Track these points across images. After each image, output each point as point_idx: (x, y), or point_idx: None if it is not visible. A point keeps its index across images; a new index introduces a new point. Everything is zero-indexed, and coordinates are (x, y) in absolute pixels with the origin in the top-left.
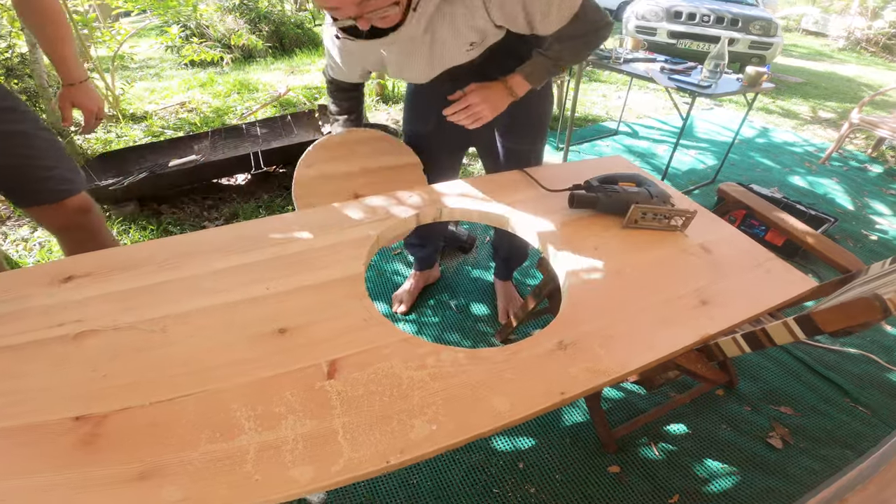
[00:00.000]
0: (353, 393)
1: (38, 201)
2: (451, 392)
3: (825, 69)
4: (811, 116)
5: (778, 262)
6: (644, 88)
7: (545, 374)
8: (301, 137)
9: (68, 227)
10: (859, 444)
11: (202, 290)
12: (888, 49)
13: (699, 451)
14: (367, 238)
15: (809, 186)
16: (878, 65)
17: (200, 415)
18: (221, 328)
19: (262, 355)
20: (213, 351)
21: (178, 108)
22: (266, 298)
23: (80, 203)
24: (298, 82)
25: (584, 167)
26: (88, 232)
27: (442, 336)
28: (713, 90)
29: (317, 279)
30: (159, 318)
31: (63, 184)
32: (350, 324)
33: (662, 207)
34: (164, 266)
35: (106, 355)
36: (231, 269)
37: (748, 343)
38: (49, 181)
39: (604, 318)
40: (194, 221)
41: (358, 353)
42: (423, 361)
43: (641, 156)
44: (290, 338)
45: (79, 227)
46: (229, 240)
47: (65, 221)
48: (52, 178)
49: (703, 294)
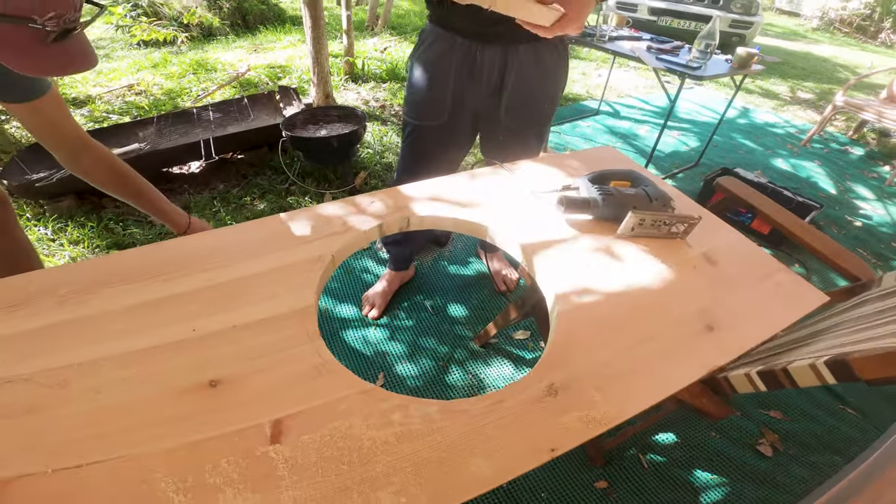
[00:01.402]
0: (303, 460)
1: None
2: (423, 455)
3: (800, 49)
4: (790, 97)
5: (788, 275)
6: (625, 66)
7: (533, 426)
8: (259, 122)
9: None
10: (849, 449)
11: (112, 333)
12: (862, 30)
13: (688, 462)
14: (318, 260)
15: (792, 169)
16: (851, 45)
17: (117, 485)
18: (137, 381)
19: (189, 414)
20: (128, 409)
21: (125, 90)
22: (192, 342)
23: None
24: (261, 61)
25: (572, 161)
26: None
27: (417, 341)
28: (703, 72)
29: (256, 315)
30: (59, 370)
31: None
32: (298, 372)
33: (664, 214)
34: (66, 301)
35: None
36: (148, 305)
37: (764, 381)
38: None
39: (600, 354)
40: (139, 216)
41: (308, 410)
42: (389, 418)
43: (624, 137)
44: (224, 392)
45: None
46: (148, 265)
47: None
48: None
49: (709, 316)
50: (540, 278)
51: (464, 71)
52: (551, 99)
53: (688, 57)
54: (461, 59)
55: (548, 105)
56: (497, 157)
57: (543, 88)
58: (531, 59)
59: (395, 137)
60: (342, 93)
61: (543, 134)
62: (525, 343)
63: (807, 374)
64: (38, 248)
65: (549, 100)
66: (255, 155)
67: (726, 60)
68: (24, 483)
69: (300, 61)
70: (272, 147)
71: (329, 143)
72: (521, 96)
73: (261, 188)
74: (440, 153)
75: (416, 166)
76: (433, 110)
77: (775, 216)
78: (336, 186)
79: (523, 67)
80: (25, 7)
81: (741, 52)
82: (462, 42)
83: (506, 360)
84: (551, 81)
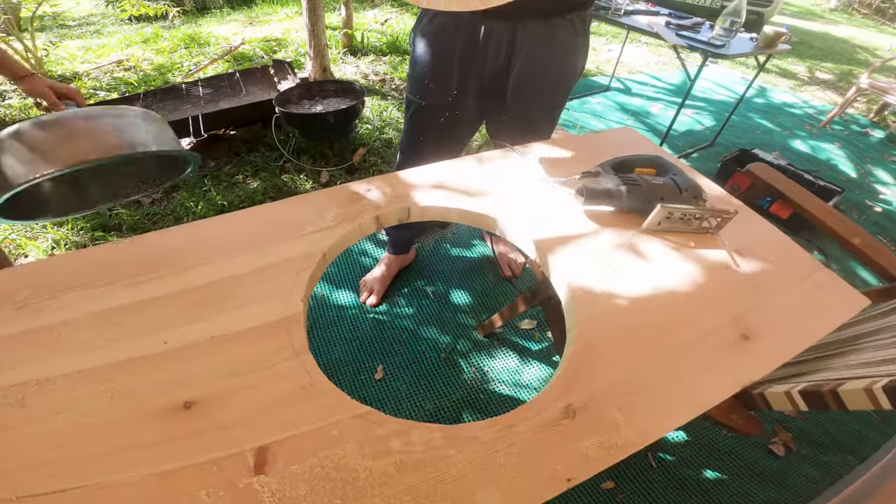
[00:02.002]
0: (291, 493)
1: None
2: (425, 489)
3: (818, 29)
4: (809, 77)
5: (827, 274)
6: (636, 42)
7: (547, 453)
8: (251, 97)
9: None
10: (862, 449)
11: (74, 346)
12: (881, 12)
13: (698, 462)
14: (307, 258)
15: (811, 151)
16: (869, 27)
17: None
18: (101, 400)
19: (162, 439)
20: (93, 432)
21: (113, 66)
22: (164, 356)
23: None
24: (257, 34)
25: (589, 144)
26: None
27: (417, 330)
28: (727, 50)
29: (236, 325)
30: (16, 387)
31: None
32: (284, 392)
33: (695, 208)
34: (24, 308)
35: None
36: (115, 312)
37: (808, 401)
38: None
39: (623, 369)
40: None
41: (296, 437)
42: (387, 446)
43: (635, 114)
44: (201, 414)
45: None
46: (115, 264)
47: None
48: None
49: (744, 324)
50: (555, 279)
51: (470, 46)
52: (565, 83)
53: (710, 34)
54: (468, 34)
55: (561, 89)
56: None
57: (555, 71)
58: (543, 37)
59: (395, 112)
60: (340, 66)
61: (554, 119)
62: (531, 333)
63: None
64: (20, 232)
65: (562, 83)
66: (248, 131)
67: (751, 39)
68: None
69: (297, 34)
70: (266, 123)
71: (325, 118)
72: (530, 78)
73: (254, 165)
74: (444, 133)
75: (419, 146)
76: (437, 88)
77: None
78: (333, 164)
79: (533, 47)
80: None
81: (768, 30)
82: (468, 16)
83: (511, 352)
84: (565, 64)
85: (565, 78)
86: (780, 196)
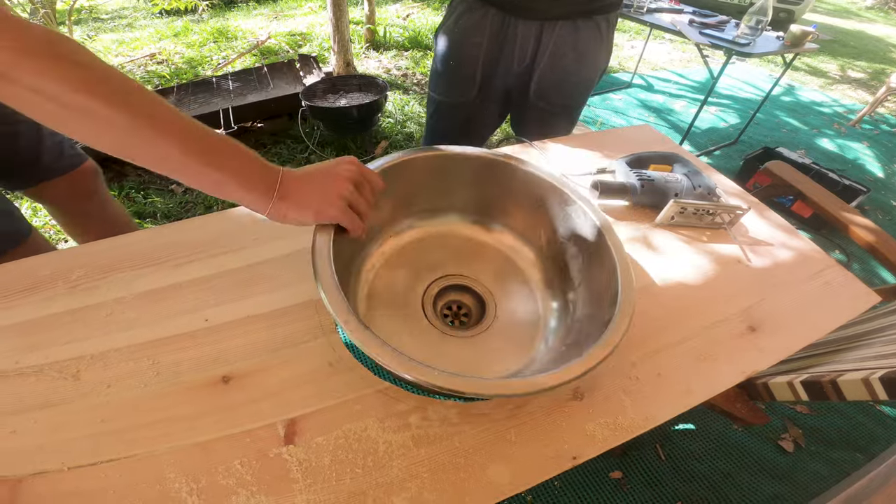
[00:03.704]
0: (317, 462)
1: (53, 173)
2: (440, 460)
3: (853, 27)
4: (840, 75)
5: (839, 271)
6: (660, 39)
7: (555, 432)
8: (278, 91)
9: (82, 196)
10: (871, 447)
11: (124, 322)
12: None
13: (707, 455)
14: None
15: (839, 150)
16: None
17: (130, 486)
18: (148, 374)
19: (202, 411)
20: (139, 404)
21: (146, 60)
22: (205, 333)
23: (92, 165)
24: (282, 28)
25: (607, 140)
26: (100, 198)
27: None
28: (751, 49)
29: (270, 305)
30: (71, 361)
31: (74, 147)
32: (312, 368)
33: (708, 203)
34: (77, 287)
35: (10, 406)
36: (160, 292)
37: (808, 392)
38: (62, 146)
39: (630, 353)
40: (160, 184)
41: (322, 411)
42: (405, 420)
43: (657, 111)
44: (237, 388)
45: (92, 194)
46: (161, 247)
47: (79, 191)
48: (64, 141)
49: (752, 316)
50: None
51: (495, 45)
52: (588, 83)
53: (735, 32)
54: (494, 33)
55: (583, 89)
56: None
57: (578, 71)
58: (568, 38)
59: (417, 107)
60: (363, 61)
61: (575, 118)
62: None
63: (857, 388)
64: None
65: (584, 84)
66: (274, 124)
67: (777, 38)
68: (39, 481)
69: (321, 28)
70: (292, 116)
71: (349, 112)
72: (553, 78)
73: (280, 157)
74: (466, 131)
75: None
76: (461, 87)
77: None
78: (356, 156)
79: (558, 48)
80: None
81: (795, 29)
82: (496, 14)
83: None
84: (588, 64)
85: (588, 78)
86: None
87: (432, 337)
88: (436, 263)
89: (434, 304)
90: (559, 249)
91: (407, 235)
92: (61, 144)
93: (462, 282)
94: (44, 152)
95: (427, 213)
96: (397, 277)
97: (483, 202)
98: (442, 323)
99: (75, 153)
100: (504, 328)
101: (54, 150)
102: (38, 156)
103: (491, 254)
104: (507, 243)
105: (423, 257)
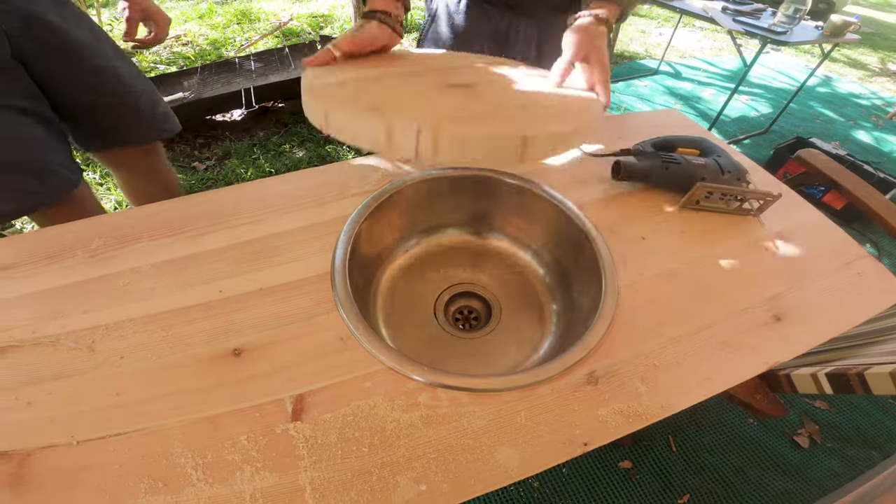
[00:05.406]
0: (324, 440)
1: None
2: (448, 442)
3: None
4: (880, 68)
5: (871, 262)
6: (689, 26)
7: (567, 417)
8: (299, 71)
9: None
10: (889, 445)
11: (141, 292)
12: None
13: (719, 448)
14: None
15: (875, 143)
16: None
17: (137, 459)
18: (161, 346)
19: (211, 385)
20: (150, 377)
21: (172, 41)
22: (219, 304)
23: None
24: (304, 10)
25: (631, 123)
26: (164, 162)
27: None
28: (788, 37)
29: (283, 277)
30: (87, 331)
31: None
32: (323, 343)
33: (735, 188)
34: (97, 256)
35: (25, 377)
36: (176, 262)
37: (833, 385)
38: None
39: (650, 341)
40: (184, 161)
41: (331, 387)
42: (415, 399)
43: (685, 99)
44: (248, 361)
45: (158, 160)
46: (180, 218)
47: (152, 159)
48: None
49: (778, 305)
50: None
51: (496, 46)
52: None
53: (771, 21)
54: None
55: None
56: None
57: None
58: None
59: None
60: None
61: None
62: None
63: (885, 382)
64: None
65: None
66: (295, 104)
67: (816, 27)
68: (48, 455)
69: (342, 10)
70: None
71: None
72: None
73: (300, 136)
74: None
75: None
76: None
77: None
78: None
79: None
80: None
81: (836, 19)
82: (493, 11)
83: None
84: None
85: None
86: (832, 186)
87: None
88: (443, 273)
89: (446, 310)
90: (550, 251)
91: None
92: (165, 113)
93: (469, 288)
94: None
95: (429, 230)
96: (410, 290)
97: (477, 214)
98: (453, 327)
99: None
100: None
101: (160, 115)
102: (143, 121)
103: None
104: (504, 248)
105: (430, 269)
